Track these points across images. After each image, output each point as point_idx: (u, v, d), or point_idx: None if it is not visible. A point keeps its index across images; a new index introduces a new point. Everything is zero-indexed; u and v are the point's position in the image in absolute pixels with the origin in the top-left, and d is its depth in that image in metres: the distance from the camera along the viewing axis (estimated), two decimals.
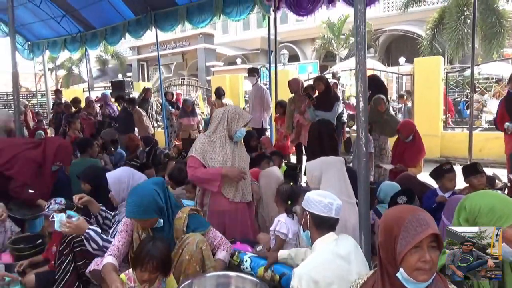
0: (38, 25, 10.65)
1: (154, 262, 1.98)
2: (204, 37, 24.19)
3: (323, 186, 2.52)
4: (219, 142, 3.04)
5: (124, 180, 2.82)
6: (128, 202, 2.28)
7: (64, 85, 24.60)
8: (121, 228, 2.41)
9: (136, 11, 8.53)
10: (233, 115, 3.06)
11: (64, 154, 3.79)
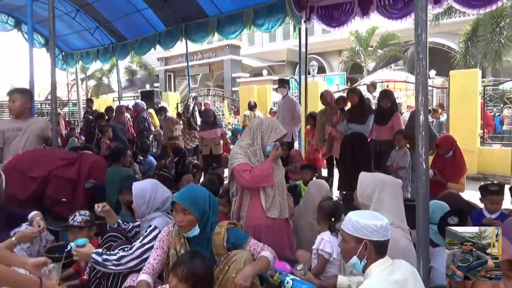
0: (73, 36, 11.01)
1: (183, 270, 1.90)
2: (230, 48, 24.43)
3: (375, 206, 2.36)
4: (254, 155, 2.96)
5: (146, 195, 2.69)
6: (181, 190, 2.26)
7: (93, 95, 25.24)
8: (157, 245, 2.33)
9: (167, 23, 8.68)
10: (267, 127, 2.96)
11: (98, 171, 3.79)
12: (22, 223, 3.08)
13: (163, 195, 2.71)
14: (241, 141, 3.08)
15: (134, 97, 15.17)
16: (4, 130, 3.87)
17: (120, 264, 2.35)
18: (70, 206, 3.39)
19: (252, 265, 2.14)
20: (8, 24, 10.95)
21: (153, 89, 14.48)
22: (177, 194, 2.26)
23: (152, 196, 2.67)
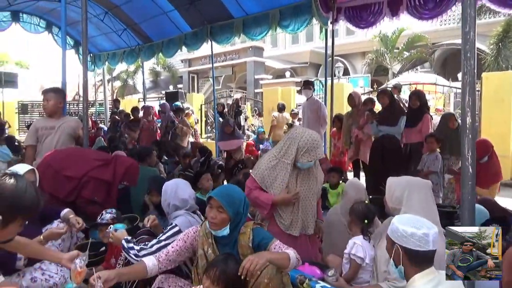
0: (101, 38, 11.24)
1: (216, 272, 1.92)
2: (254, 50, 24.46)
3: (406, 209, 2.28)
4: (283, 167, 2.87)
5: (166, 195, 2.77)
6: (219, 187, 2.28)
7: (119, 95, 25.75)
8: (181, 237, 2.32)
9: (193, 25, 8.73)
10: (305, 143, 2.79)
11: (132, 175, 3.84)
12: (53, 220, 3.15)
13: (182, 195, 2.72)
14: (275, 149, 3.01)
15: (158, 98, 15.37)
16: (38, 128, 3.96)
17: (139, 256, 2.38)
18: (102, 207, 3.43)
19: (269, 253, 2.11)
20: (39, 27, 11.28)
21: (178, 90, 14.64)
22: (215, 191, 2.24)
23: (172, 195, 2.72)
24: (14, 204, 1.71)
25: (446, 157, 4.74)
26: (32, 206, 1.78)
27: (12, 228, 1.75)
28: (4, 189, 1.70)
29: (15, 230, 1.78)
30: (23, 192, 1.74)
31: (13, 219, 1.72)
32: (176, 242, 2.31)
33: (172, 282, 2.31)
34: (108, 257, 3.03)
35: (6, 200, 1.69)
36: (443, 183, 4.90)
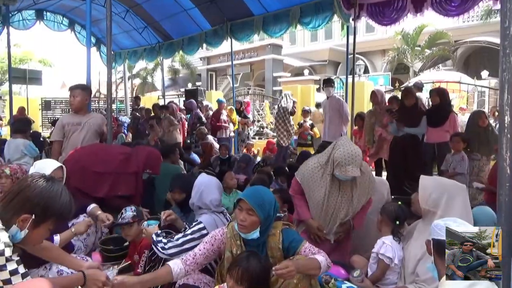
0: (122, 36, 11.39)
1: (239, 271, 1.91)
2: (272, 47, 24.37)
3: (444, 213, 2.20)
4: (324, 175, 2.88)
5: (193, 194, 2.76)
6: (249, 189, 2.27)
7: (139, 93, 26.06)
8: (207, 239, 2.29)
9: (213, 22, 8.76)
10: (337, 158, 2.74)
11: (153, 162, 3.82)
12: (79, 215, 3.21)
13: (205, 199, 2.70)
14: (322, 154, 3.01)
15: (177, 95, 15.49)
16: (64, 124, 4.03)
17: (165, 249, 2.41)
18: (129, 200, 3.48)
19: (302, 261, 2.07)
20: (62, 25, 11.50)
21: (197, 88, 14.70)
22: (245, 193, 2.22)
23: (197, 196, 2.72)
24: (48, 206, 1.74)
25: (476, 158, 4.58)
26: (65, 211, 1.81)
27: (42, 230, 1.79)
28: (41, 190, 1.74)
29: (45, 232, 1.81)
30: (58, 196, 1.78)
31: (45, 221, 1.76)
32: (203, 245, 2.27)
33: (197, 279, 2.31)
34: (131, 253, 3.06)
35: (42, 200, 1.73)
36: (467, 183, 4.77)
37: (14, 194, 1.72)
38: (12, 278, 1.58)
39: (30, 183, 1.75)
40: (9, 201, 1.71)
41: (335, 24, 9.86)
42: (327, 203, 2.87)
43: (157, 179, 4.30)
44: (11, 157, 5.16)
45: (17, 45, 25.58)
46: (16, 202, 1.70)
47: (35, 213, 1.70)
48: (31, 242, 1.81)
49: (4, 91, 24.90)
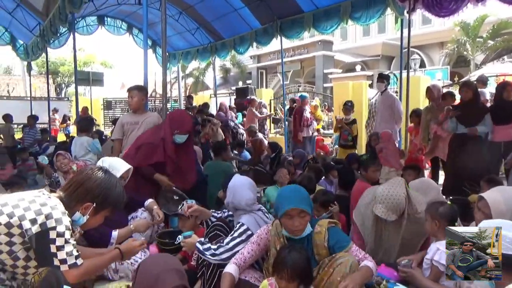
0: (175, 37, 11.80)
1: (288, 271, 1.97)
2: (323, 44, 24.05)
3: None
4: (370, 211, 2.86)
5: (230, 195, 2.76)
6: (287, 196, 2.22)
7: (191, 92, 26.88)
8: (254, 240, 2.36)
9: (263, 21, 8.81)
10: (378, 195, 2.72)
11: (177, 122, 3.81)
12: (138, 209, 3.40)
13: (239, 199, 2.70)
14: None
15: (228, 94, 15.77)
16: (124, 123, 4.28)
17: (216, 255, 2.43)
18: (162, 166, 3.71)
19: (360, 274, 2.06)
20: (121, 29, 12.16)
21: (248, 86, 14.89)
22: (290, 202, 2.17)
23: (230, 197, 2.74)
24: (107, 196, 1.94)
25: None
26: (120, 200, 2.02)
27: (99, 217, 2.00)
28: (100, 182, 1.94)
29: (100, 219, 2.01)
30: (114, 186, 1.98)
31: (103, 209, 1.96)
32: (251, 247, 2.34)
33: (248, 273, 2.37)
34: None
35: (102, 191, 1.92)
36: None
37: (78, 184, 1.92)
38: (68, 259, 1.75)
39: (91, 175, 1.95)
40: (74, 191, 1.90)
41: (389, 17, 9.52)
42: (375, 240, 2.82)
43: (210, 176, 4.46)
44: (77, 154, 5.56)
45: (81, 49, 27.44)
46: (80, 191, 1.90)
47: (96, 202, 1.90)
48: (88, 227, 2.02)
49: (70, 92, 26.82)
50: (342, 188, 4.21)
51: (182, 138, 3.84)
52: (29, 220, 1.68)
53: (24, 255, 1.72)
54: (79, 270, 1.79)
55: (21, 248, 1.70)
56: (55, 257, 1.71)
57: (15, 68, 31.08)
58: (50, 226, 1.70)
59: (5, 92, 26.27)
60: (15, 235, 1.68)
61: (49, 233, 1.70)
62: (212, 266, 2.54)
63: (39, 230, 1.68)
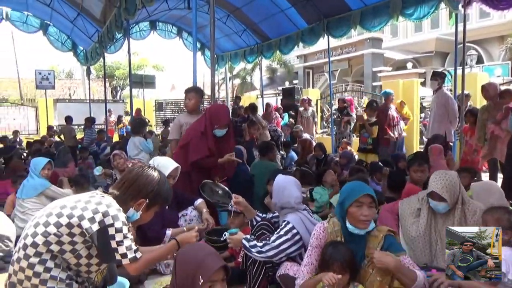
0: (223, 39, 12.06)
1: (339, 263, 2.04)
2: (371, 41, 23.42)
3: None
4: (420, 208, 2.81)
5: (286, 190, 2.74)
6: (357, 184, 2.28)
7: (238, 93, 27.26)
8: (315, 243, 2.32)
9: (309, 20, 8.77)
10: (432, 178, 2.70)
11: (214, 116, 3.88)
12: (188, 207, 3.54)
13: (288, 197, 2.71)
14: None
15: (275, 94, 15.82)
16: (182, 124, 4.40)
17: (262, 252, 2.47)
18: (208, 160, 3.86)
19: (398, 263, 2.01)
20: (172, 33, 12.64)
21: (294, 86, 14.87)
22: (361, 189, 2.20)
23: (279, 196, 2.74)
24: (158, 192, 2.06)
25: None
26: (168, 197, 2.14)
27: (150, 213, 2.11)
28: (152, 178, 2.06)
29: (151, 215, 2.13)
30: (163, 183, 2.09)
31: (154, 205, 2.08)
32: (315, 251, 2.30)
33: (296, 270, 2.40)
34: None
35: (153, 187, 2.04)
36: None
37: (131, 182, 2.04)
38: (128, 253, 1.87)
39: (142, 172, 2.07)
40: (127, 188, 2.02)
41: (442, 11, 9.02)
42: (422, 236, 2.73)
43: (256, 176, 4.53)
44: (130, 153, 5.88)
45: (135, 53, 28.74)
46: (133, 188, 2.01)
47: (148, 198, 2.02)
48: (139, 223, 2.15)
49: (125, 95, 28.19)
50: (391, 190, 4.10)
51: (222, 132, 3.93)
52: (87, 219, 1.81)
53: (86, 253, 1.86)
54: (139, 263, 1.90)
55: (83, 247, 1.84)
56: (116, 252, 1.84)
57: (76, 72, 33.22)
58: (108, 223, 1.82)
59: (67, 95, 28.17)
60: (76, 235, 1.81)
61: (107, 229, 1.82)
62: (258, 263, 2.60)
63: (98, 228, 1.80)
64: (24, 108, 17.97)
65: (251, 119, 7.44)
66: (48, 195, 4.14)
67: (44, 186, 4.12)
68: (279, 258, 2.51)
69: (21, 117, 17.19)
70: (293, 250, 2.53)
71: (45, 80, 14.12)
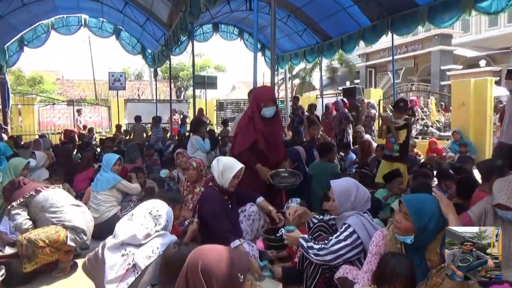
0: (283, 40, 12.11)
1: (401, 280, 1.95)
2: (440, 38, 22.10)
3: None
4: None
5: (351, 195, 2.63)
6: (414, 195, 2.25)
7: (297, 93, 27.14)
8: (374, 251, 2.28)
9: (373, 18, 8.52)
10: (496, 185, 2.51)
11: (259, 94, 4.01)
12: (247, 203, 3.63)
13: (364, 197, 2.67)
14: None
15: (335, 94, 15.55)
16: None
17: (319, 255, 2.46)
18: None
19: None
20: (233, 34, 12.96)
21: (355, 86, 14.48)
22: (408, 197, 2.18)
23: (357, 195, 2.64)
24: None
25: None
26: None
27: None
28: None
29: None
30: None
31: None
32: (375, 258, 2.27)
33: (355, 274, 2.37)
34: None
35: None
36: None
37: None
38: None
39: None
40: None
41: None
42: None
43: (315, 176, 4.50)
44: (189, 152, 6.13)
45: (198, 54, 29.79)
46: None
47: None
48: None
49: (189, 95, 29.30)
50: (460, 197, 3.84)
51: (270, 110, 3.91)
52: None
53: None
54: None
55: None
56: None
57: (144, 74, 35.14)
58: None
59: (136, 95, 29.94)
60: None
61: None
62: (315, 265, 2.59)
63: None
64: (99, 108, 19.41)
65: (312, 119, 7.40)
66: (120, 188, 4.46)
67: (116, 180, 4.43)
68: (336, 262, 2.48)
69: (96, 116, 18.60)
70: (352, 255, 2.49)
71: (117, 81, 15.14)
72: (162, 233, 2.46)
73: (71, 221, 3.32)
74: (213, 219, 3.15)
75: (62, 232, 3.22)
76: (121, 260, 2.30)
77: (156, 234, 2.43)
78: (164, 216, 2.51)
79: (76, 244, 3.34)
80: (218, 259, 1.46)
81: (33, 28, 11.42)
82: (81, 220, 3.41)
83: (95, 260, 2.40)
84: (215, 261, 1.45)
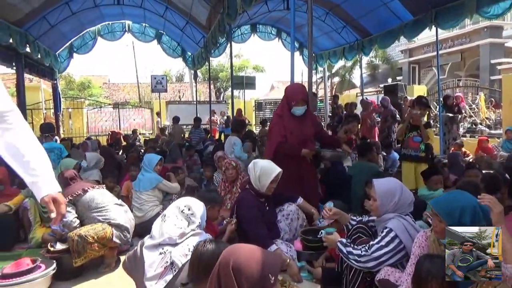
0: (322, 38, 11.95)
1: (437, 281, 1.83)
2: (489, 30, 20.88)
3: None
4: None
5: (395, 195, 2.52)
6: (442, 196, 2.15)
7: (337, 91, 26.70)
8: (417, 252, 2.20)
9: (415, 12, 8.20)
10: None
11: (290, 92, 4.00)
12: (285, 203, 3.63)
13: (408, 199, 2.56)
14: None
15: (375, 92, 15.16)
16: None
17: (360, 262, 2.40)
18: None
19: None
20: (271, 34, 12.96)
21: (397, 83, 14.03)
22: (434, 199, 2.12)
23: (401, 197, 2.53)
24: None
25: None
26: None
27: None
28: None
29: None
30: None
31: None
32: (417, 259, 2.16)
33: (398, 277, 2.30)
34: None
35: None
36: None
37: None
38: None
39: None
40: None
41: None
42: None
43: (354, 176, 4.42)
44: (227, 151, 6.21)
45: (237, 55, 30.09)
46: None
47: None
48: None
49: (227, 96, 29.69)
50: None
51: (300, 109, 3.91)
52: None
53: None
54: None
55: None
56: None
57: (185, 76, 36.03)
58: None
59: (177, 97, 30.74)
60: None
61: None
62: (355, 269, 2.53)
63: None
64: (142, 110, 20.12)
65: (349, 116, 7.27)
66: (161, 188, 4.60)
67: (158, 181, 4.57)
68: (378, 269, 2.41)
69: (139, 118, 19.31)
70: (395, 261, 2.40)
71: (159, 84, 15.61)
72: (198, 231, 2.51)
73: (115, 219, 3.47)
74: (249, 226, 3.19)
75: (108, 229, 3.39)
76: (159, 258, 2.37)
77: (192, 232, 2.47)
78: (197, 214, 2.54)
79: (121, 241, 3.49)
80: (249, 258, 1.45)
81: (81, 36, 12.06)
82: (124, 218, 3.56)
83: (134, 258, 2.50)
84: (246, 259, 1.44)
